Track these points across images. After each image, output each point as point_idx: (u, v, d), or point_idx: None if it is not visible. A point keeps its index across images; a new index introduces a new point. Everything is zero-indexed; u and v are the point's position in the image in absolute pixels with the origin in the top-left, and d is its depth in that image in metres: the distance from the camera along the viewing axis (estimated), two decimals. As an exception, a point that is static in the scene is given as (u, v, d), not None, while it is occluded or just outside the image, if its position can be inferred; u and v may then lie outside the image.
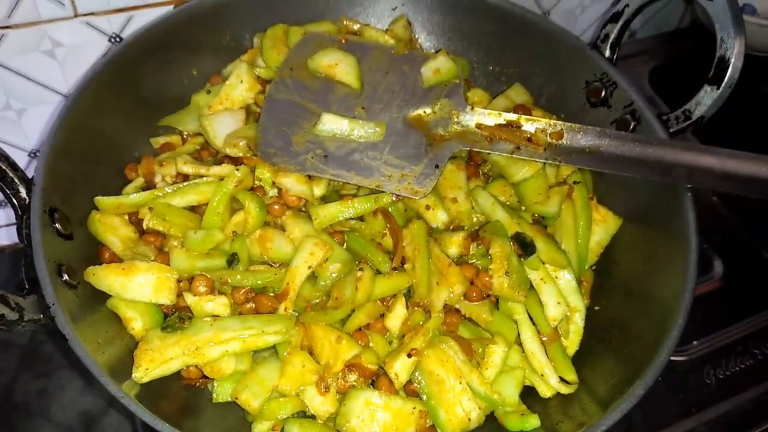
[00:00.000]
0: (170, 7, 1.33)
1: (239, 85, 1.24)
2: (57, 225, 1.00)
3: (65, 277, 0.97)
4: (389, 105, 1.20)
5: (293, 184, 1.13)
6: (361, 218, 1.15)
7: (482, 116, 1.17)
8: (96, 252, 1.09)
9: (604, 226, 1.19)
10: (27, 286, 0.93)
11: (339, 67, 1.22)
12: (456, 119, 1.18)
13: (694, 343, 1.37)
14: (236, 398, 0.97)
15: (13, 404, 1.41)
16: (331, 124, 1.16)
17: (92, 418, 1.40)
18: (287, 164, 1.14)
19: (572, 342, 1.10)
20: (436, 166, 1.14)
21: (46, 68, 1.35)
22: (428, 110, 1.19)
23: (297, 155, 1.15)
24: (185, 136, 1.28)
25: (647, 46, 2.03)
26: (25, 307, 0.89)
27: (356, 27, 1.35)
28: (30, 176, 1.00)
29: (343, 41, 1.26)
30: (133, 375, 0.93)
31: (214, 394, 1.00)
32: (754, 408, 1.30)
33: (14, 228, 1.56)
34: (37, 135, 1.46)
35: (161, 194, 1.10)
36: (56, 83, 1.39)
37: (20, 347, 1.49)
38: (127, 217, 1.12)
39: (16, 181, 0.98)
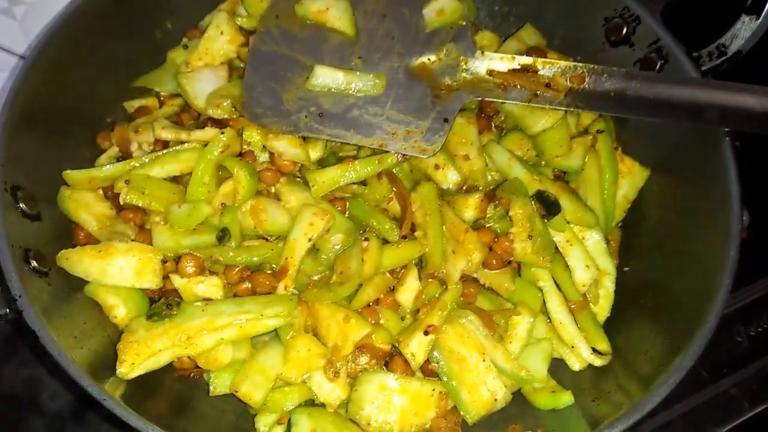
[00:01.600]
0: (137, -47, 1.20)
1: (219, 38, 1.12)
2: (21, 204, 0.90)
3: (33, 263, 0.87)
4: (389, 53, 1.08)
5: (286, 147, 1.02)
6: (363, 182, 1.05)
7: (494, 61, 1.05)
8: (68, 233, 0.99)
9: (630, 178, 1.10)
10: (-10, 278, 0.82)
11: (330, 12, 1.09)
12: (464, 66, 1.06)
13: (722, 300, 1.30)
14: (236, 391, 0.87)
15: (1, 394, 1.33)
16: (325, 77, 1.04)
17: (83, 405, 1.33)
18: (278, 125, 1.02)
19: (603, 308, 1.02)
20: (445, 120, 1.03)
21: (5, 29, 1.24)
22: (433, 57, 1.07)
23: (289, 114, 1.03)
24: (162, 98, 1.16)
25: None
26: (-14, 301, 0.78)
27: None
28: (-14, 151, 0.89)
29: None
30: (117, 371, 0.84)
31: (210, 387, 0.91)
32: (789, 365, 1.24)
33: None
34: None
35: (138, 164, 1.00)
36: (17, 46, 1.27)
37: (2, 335, 1.41)
38: (101, 192, 1.02)
39: (-31, 157, 0.86)
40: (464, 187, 1.05)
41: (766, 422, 1.20)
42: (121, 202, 0.98)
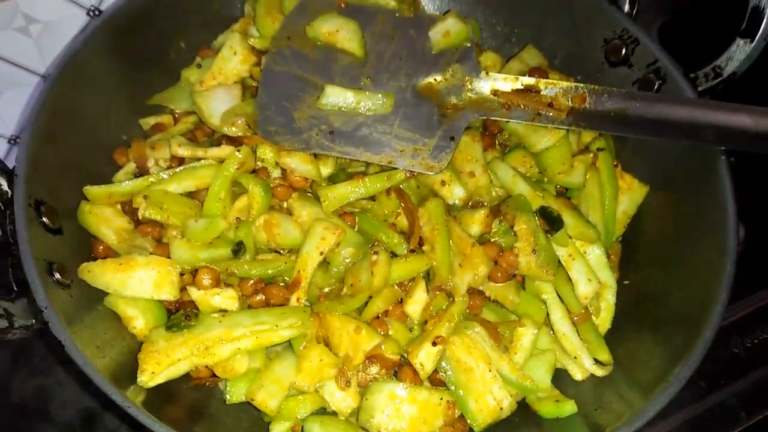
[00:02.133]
0: (152, -25, 1.23)
1: (233, 58, 1.15)
2: (44, 219, 0.93)
3: (57, 276, 0.90)
4: (397, 73, 1.11)
5: (298, 163, 1.05)
6: (372, 198, 1.08)
7: (498, 81, 1.09)
8: (87, 247, 1.01)
9: (629, 194, 1.12)
10: (15, 289, 0.85)
11: (340, 34, 1.12)
12: (470, 86, 1.09)
13: (720, 311, 1.33)
14: (252, 399, 0.90)
15: (11, 404, 1.34)
16: (336, 96, 1.08)
17: (93, 414, 1.35)
18: (291, 143, 1.05)
19: (604, 320, 1.05)
20: (451, 138, 1.06)
21: (21, 47, 1.26)
22: (439, 77, 1.11)
23: (300, 132, 1.06)
24: (177, 115, 1.19)
25: (652, 3, 1.93)
26: (14, 312, 0.81)
27: (357, -10, 1.25)
28: (11, 167, 0.92)
29: (343, 5, 1.16)
30: (138, 380, 0.86)
31: (227, 395, 0.94)
32: (786, 376, 1.26)
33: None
34: (15, 120, 1.37)
35: (156, 180, 1.02)
36: (33, 63, 1.29)
37: (13, 345, 1.42)
38: (119, 206, 1.04)
39: (-4, 172, 0.89)
40: (470, 203, 1.08)
41: (762, 431, 1.22)
42: (140, 217, 1.00)
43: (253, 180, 1.00)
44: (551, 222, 1.02)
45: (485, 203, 1.07)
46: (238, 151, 1.00)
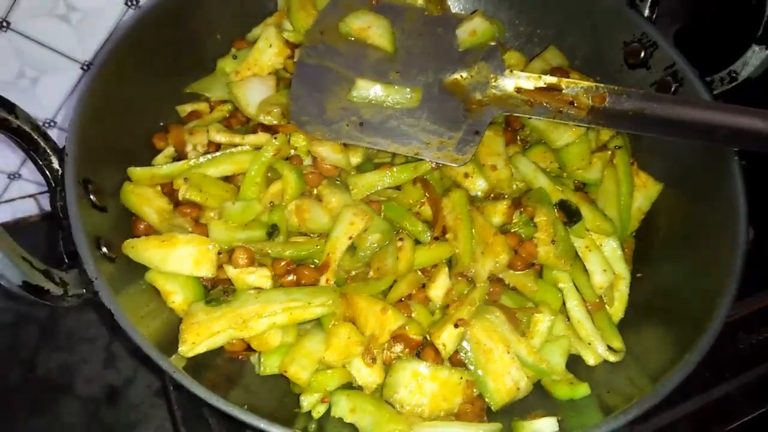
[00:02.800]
0: (189, -32, 1.28)
1: (268, 50, 1.20)
2: (92, 197, 0.98)
3: (104, 249, 0.95)
4: (425, 69, 1.16)
5: (329, 152, 1.10)
6: (397, 188, 1.13)
7: (521, 79, 1.14)
8: (129, 225, 1.06)
9: (644, 191, 1.17)
10: (66, 260, 0.90)
11: (372, 30, 1.17)
12: (494, 83, 1.14)
13: (726, 309, 1.37)
14: (285, 371, 0.95)
15: (36, 379, 1.40)
16: (366, 89, 1.13)
17: (116, 390, 1.41)
18: (322, 132, 1.10)
19: (617, 309, 1.09)
20: (476, 132, 1.11)
21: (61, 34, 1.30)
22: (465, 74, 1.16)
23: (331, 123, 1.11)
24: (212, 103, 1.24)
25: (670, 7, 1.97)
26: (68, 281, 0.86)
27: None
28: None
29: (374, 2, 1.21)
30: (180, 349, 0.91)
31: (261, 367, 0.99)
32: (788, 372, 1.31)
33: (41, 198, 1.55)
34: (52, 104, 1.42)
35: (195, 164, 1.07)
36: (71, 50, 1.34)
37: (39, 322, 1.48)
38: (159, 188, 1.09)
39: (49, 151, 0.94)
40: (491, 195, 1.12)
41: (765, 423, 1.27)
42: (180, 198, 1.05)
43: (287, 166, 1.05)
44: (570, 215, 1.07)
45: (506, 195, 1.12)
46: (275, 138, 1.06)
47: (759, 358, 1.32)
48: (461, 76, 1.16)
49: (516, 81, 1.14)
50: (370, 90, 1.13)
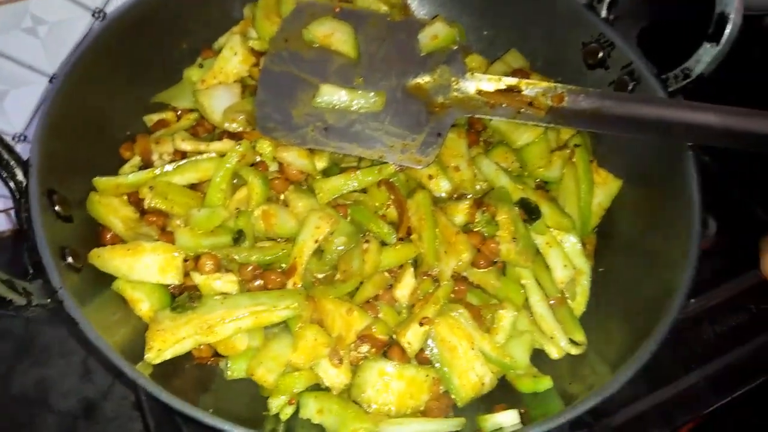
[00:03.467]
0: (155, -21, 1.29)
1: (233, 58, 1.21)
2: (57, 207, 0.98)
3: (69, 259, 0.96)
4: (388, 74, 1.18)
5: (295, 158, 1.12)
6: (363, 191, 1.14)
7: (482, 82, 1.16)
8: (95, 235, 1.07)
9: (604, 188, 1.19)
10: (31, 271, 0.91)
11: (335, 36, 1.19)
12: (456, 86, 1.16)
13: (692, 301, 1.38)
14: (252, 374, 0.96)
15: (12, 394, 1.40)
16: (330, 95, 1.14)
17: (93, 403, 1.40)
18: (288, 138, 1.12)
19: (579, 303, 1.12)
20: (438, 134, 1.13)
21: (28, 47, 1.30)
22: (427, 78, 1.18)
23: (297, 128, 1.13)
24: (179, 112, 1.25)
25: (633, 7, 2.01)
26: (32, 291, 0.87)
27: (350, -6, 1.33)
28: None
29: (337, 9, 1.23)
30: (145, 356, 0.92)
31: (228, 372, 1.00)
32: (752, 361, 1.33)
33: (12, 213, 1.54)
34: (21, 118, 1.42)
35: (161, 173, 1.08)
36: (39, 62, 1.34)
37: (16, 337, 1.48)
38: (126, 197, 1.10)
39: (12, 163, 0.95)
40: (455, 195, 1.15)
41: (730, 411, 1.30)
42: (146, 207, 1.06)
43: (252, 172, 1.07)
44: (530, 212, 1.09)
45: (469, 195, 1.14)
46: (239, 144, 1.07)
47: (723, 348, 1.34)
48: (423, 80, 1.18)
49: (477, 83, 1.16)
50: (334, 95, 1.15)
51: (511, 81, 1.15)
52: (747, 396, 1.30)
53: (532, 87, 1.13)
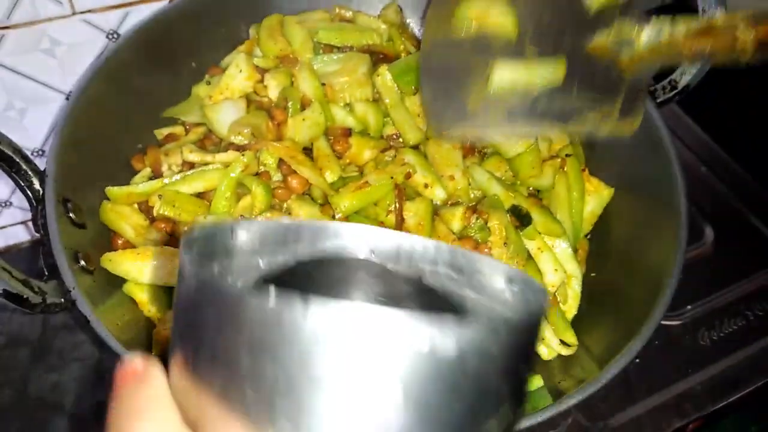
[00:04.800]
0: (166, 2, 1.36)
1: (239, 75, 1.27)
2: (71, 214, 1.04)
3: (82, 262, 1.01)
4: (559, 41, 1.02)
5: (300, 170, 1.14)
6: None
7: (673, 26, 0.95)
8: (107, 240, 1.13)
9: (596, 196, 1.23)
10: (46, 273, 0.96)
11: (491, 12, 1.03)
12: (641, 37, 0.97)
13: (688, 307, 1.42)
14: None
15: (29, 397, 1.44)
16: (505, 70, 1.00)
17: (105, 407, 1.43)
18: (467, 129, 1.05)
19: (570, 306, 1.15)
20: (638, 93, 1.00)
21: (46, 67, 1.36)
22: (606, 35, 1.00)
23: (475, 118, 1.04)
24: (187, 127, 1.31)
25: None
26: (47, 291, 0.92)
27: (349, 14, 1.38)
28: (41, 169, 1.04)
29: None
30: (153, 353, 0.97)
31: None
32: (748, 367, 1.35)
33: (31, 225, 1.60)
34: (40, 134, 1.48)
35: (169, 182, 1.13)
36: (56, 81, 1.40)
37: (31, 343, 1.52)
38: (136, 205, 1.16)
39: (30, 173, 1.01)
40: (449, 203, 1.18)
41: (725, 415, 1.32)
42: (155, 214, 1.12)
43: (256, 181, 1.12)
44: (521, 218, 1.13)
45: (464, 203, 1.18)
46: (243, 155, 1.12)
47: (720, 354, 1.36)
48: (603, 39, 1.00)
49: (666, 28, 0.95)
50: (510, 72, 1.00)
51: (705, 19, 0.99)
52: (743, 401, 1.32)
53: (731, 20, 0.86)
